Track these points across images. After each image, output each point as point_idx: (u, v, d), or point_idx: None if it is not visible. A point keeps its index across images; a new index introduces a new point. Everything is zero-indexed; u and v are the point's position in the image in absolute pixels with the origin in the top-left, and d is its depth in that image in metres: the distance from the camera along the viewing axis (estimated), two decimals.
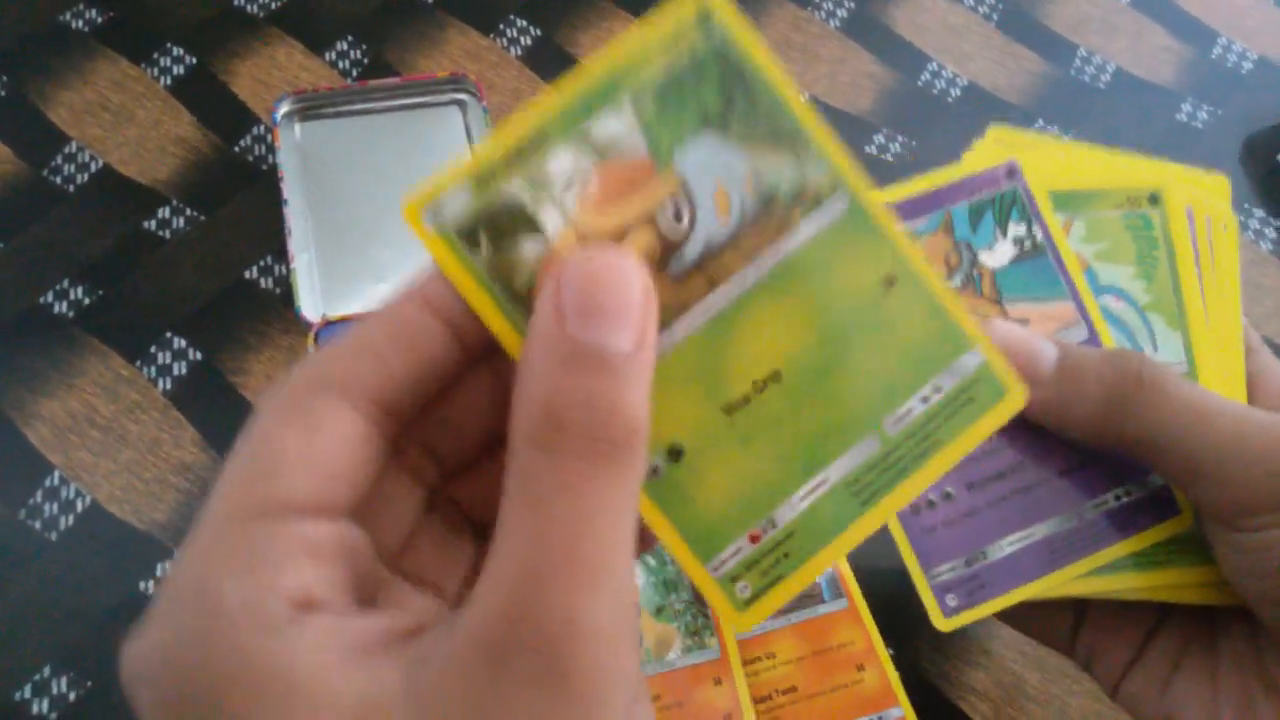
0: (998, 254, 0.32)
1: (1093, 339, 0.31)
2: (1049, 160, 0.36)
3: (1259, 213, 0.62)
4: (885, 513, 0.22)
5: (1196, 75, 0.67)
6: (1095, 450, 0.31)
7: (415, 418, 0.22)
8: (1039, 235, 0.32)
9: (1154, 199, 0.33)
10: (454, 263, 0.21)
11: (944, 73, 0.66)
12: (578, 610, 0.18)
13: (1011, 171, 0.32)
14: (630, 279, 0.19)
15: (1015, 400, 0.23)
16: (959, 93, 0.65)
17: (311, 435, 0.20)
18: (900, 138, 0.63)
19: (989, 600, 0.29)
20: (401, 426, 0.21)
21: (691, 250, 0.21)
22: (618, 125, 0.21)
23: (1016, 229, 0.32)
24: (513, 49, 0.65)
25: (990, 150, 0.36)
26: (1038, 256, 0.32)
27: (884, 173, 0.62)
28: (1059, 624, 0.35)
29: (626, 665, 0.18)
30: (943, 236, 0.31)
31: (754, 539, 0.22)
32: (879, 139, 0.63)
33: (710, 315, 0.22)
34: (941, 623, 0.29)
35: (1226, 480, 0.27)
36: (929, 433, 0.23)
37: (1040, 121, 0.64)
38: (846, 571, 0.48)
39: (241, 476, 0.20)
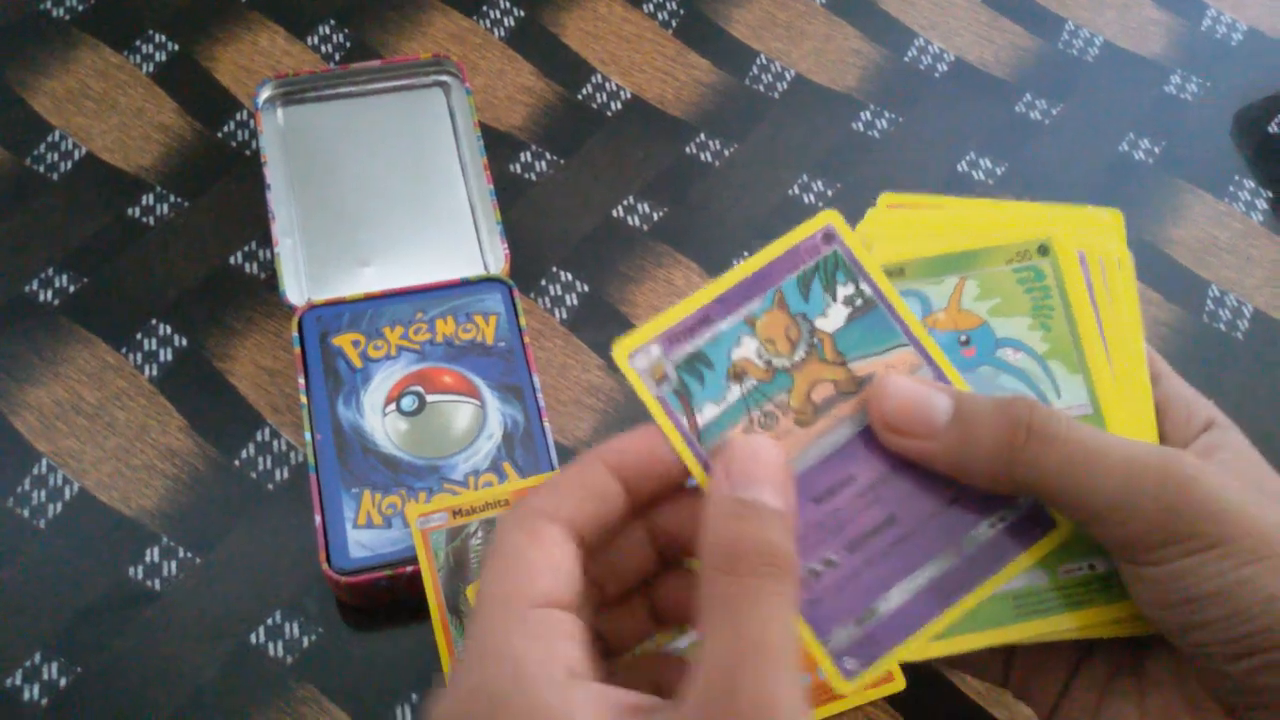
0: (832, 318, 0.33)
1: (939, 377, 0.32)
2: (938, 219, 0.36)
3: (1249, 184, 0.62)
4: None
5: (1186, 47, 0.67)
6: (991, 493, 0.31)
7: (591, 557, 0.28)
8: (868, 290, 0.33)
9: (1043, 250, 0.33)
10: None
11: (931, 48, 0.66)
12: (772, 686, 0.23)
13: (828, 236, 0.33)
14: (773, 456, 0.27)
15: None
16: (946, 68, 0.65)
17: (548, 549, 0.26)
18: (887, 114, 0.63)
19: (885, 655, 0.30)
20: (587, 559, 0.28)
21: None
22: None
23: (845, 290, 0.33)
24: (496, 30, 0.64)
25: (883, 215, 0.36)
26: (871, 312, 0.33)
27: (870, 149, 0.61)
28: (991, 662, 0.35)
29: None
30: (779, 313, 0.32)
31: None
32: (865, 115, 0.63)
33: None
34: (843, 686, 0.29)
35: (1122, 519, 0.28)
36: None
37: (1028, 95, 0.64)
38: None
39: (506, 576, 0.26)
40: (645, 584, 0.31)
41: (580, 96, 0.62)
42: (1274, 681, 0.27)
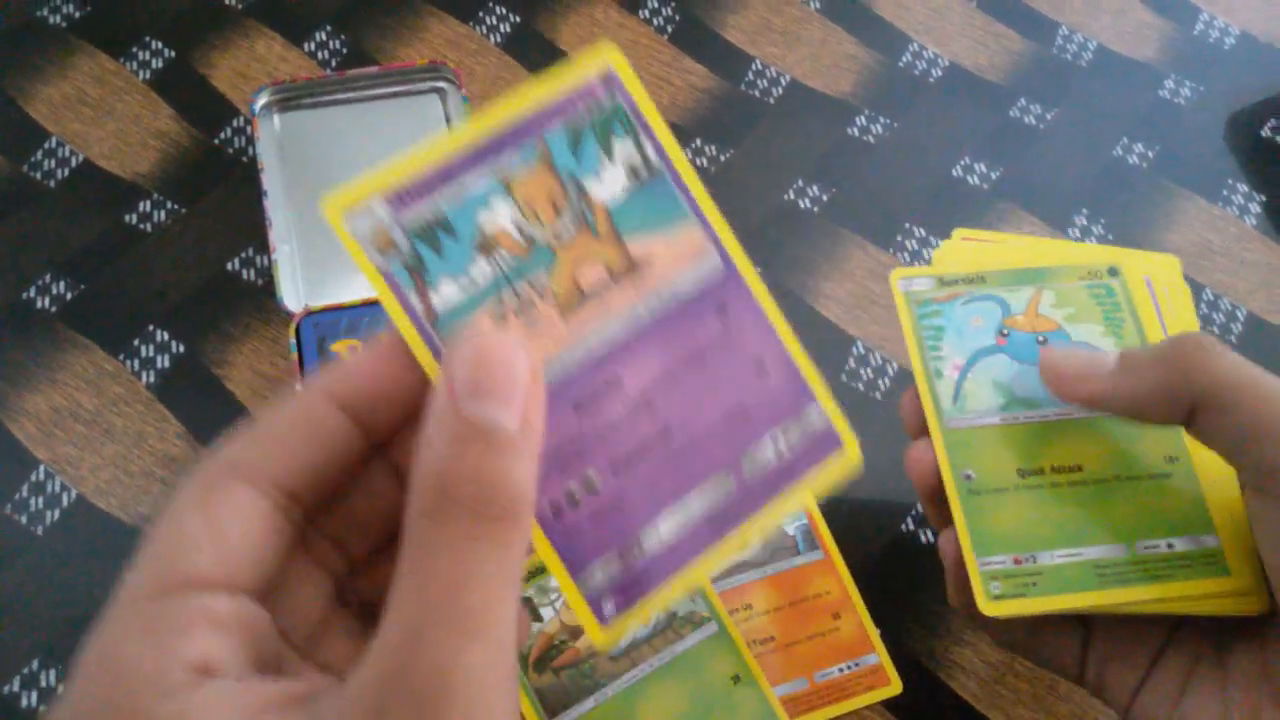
0: (608, 184, 0.27)
1: (729, 266, 0.27)
2: (1010, 248, 0.42)
3: (1243, 188, 0.62)
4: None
5: (1179, 52, 0.67)
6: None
7: (322, 510, 0.24)
8: (652, 154, 0.27)
9: (1113, 271, 0.38)
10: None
11: (925, 53, 0.66)
12: (453, 659, 0.19)
13: (608, 81, 0.26)
14: (516, 361, 0.21)
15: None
16: (940, 73, 0.65)
17: (214, 516, 0.21)
18: (882, 119, 0.63)
19: (650, 595, 0.25)
20: (307, 514, 0.23)
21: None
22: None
23: (624, 150, 0.26)
24: (492, 36, 0.64)
25: (958, 249, 0.41)
26: (655, 180, 0.27)
27: (866, 154, 0.62)
28: (1065, 650, 0.36)
29: (502, 713, 0.20)
30: (543, 172, 0.26)
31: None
32: (861, 120, 0.63)
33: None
34: (599, 636, 0.24)
35: (1273, 445, 0.29)
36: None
37: (1023, 100, 0.64)
38: (821, 523, 0.49)
39: (150, 557, 0.22)
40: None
41: None
42: None
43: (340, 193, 0.24)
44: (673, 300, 0.26)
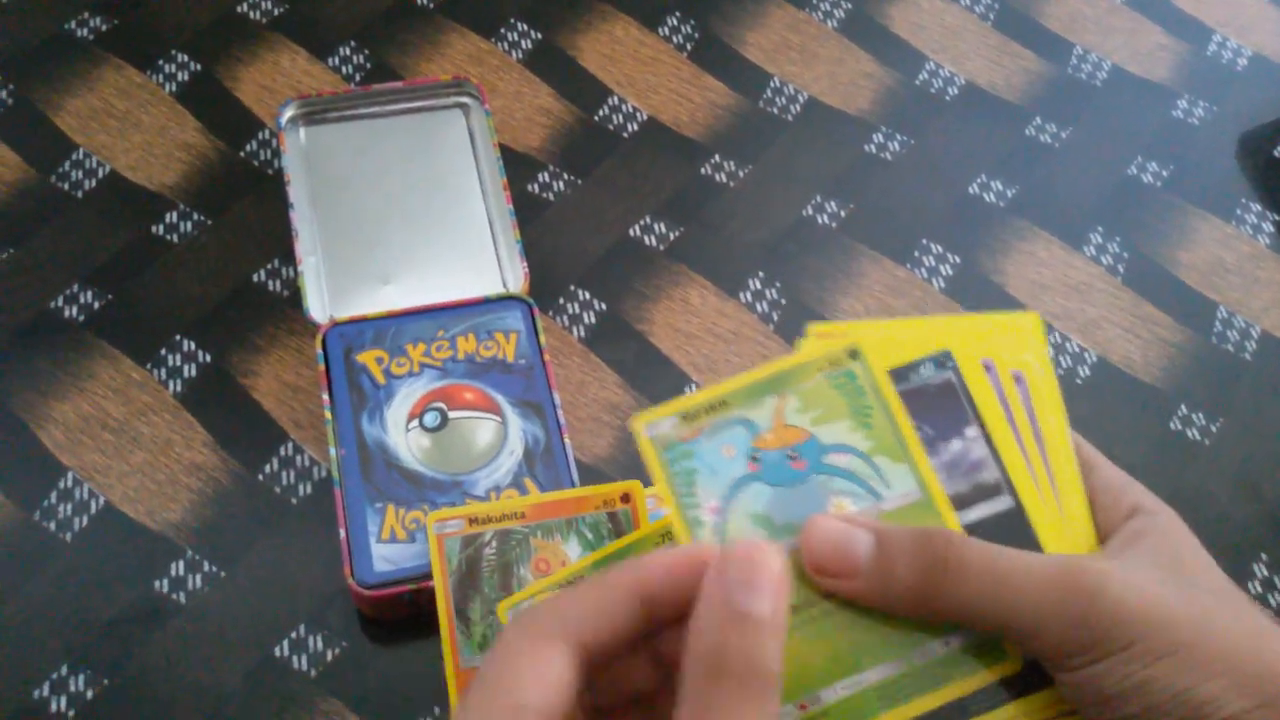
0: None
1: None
2: (879, 341, 0.37)
3: (1256, 207, 0.62)
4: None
5: (1192, 72, 0.68)
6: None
7: (595, 673, 0.29)
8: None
9: (853, 354, 0.35)
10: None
11: (941, 71, 0.67)
12: None
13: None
14: (773, 562, 0.26)
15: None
16: (956, 92, 0.66)
17: (545, 665, 0.27)
18: (899, 136, 0.64)
19: None
20: (589, 675, 0.28)
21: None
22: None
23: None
24: (514, 52, 0.65)
25: (813, 345, 0.37)
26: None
27: (883, 171, 0.62)
28: None
29: None
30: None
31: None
32: (878, 138, 0.64)
33: None
34: None
35: (1037, 634, 0.29)
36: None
37: (1038, 119, 0.65)
38: None
39: (494, 682, 0.27)
40: (644, 702, 0.31)
41: (597, 118, 0.63)
42: None
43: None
44: None
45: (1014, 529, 0.34)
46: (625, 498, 0.44)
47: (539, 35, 0.66)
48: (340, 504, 0.47)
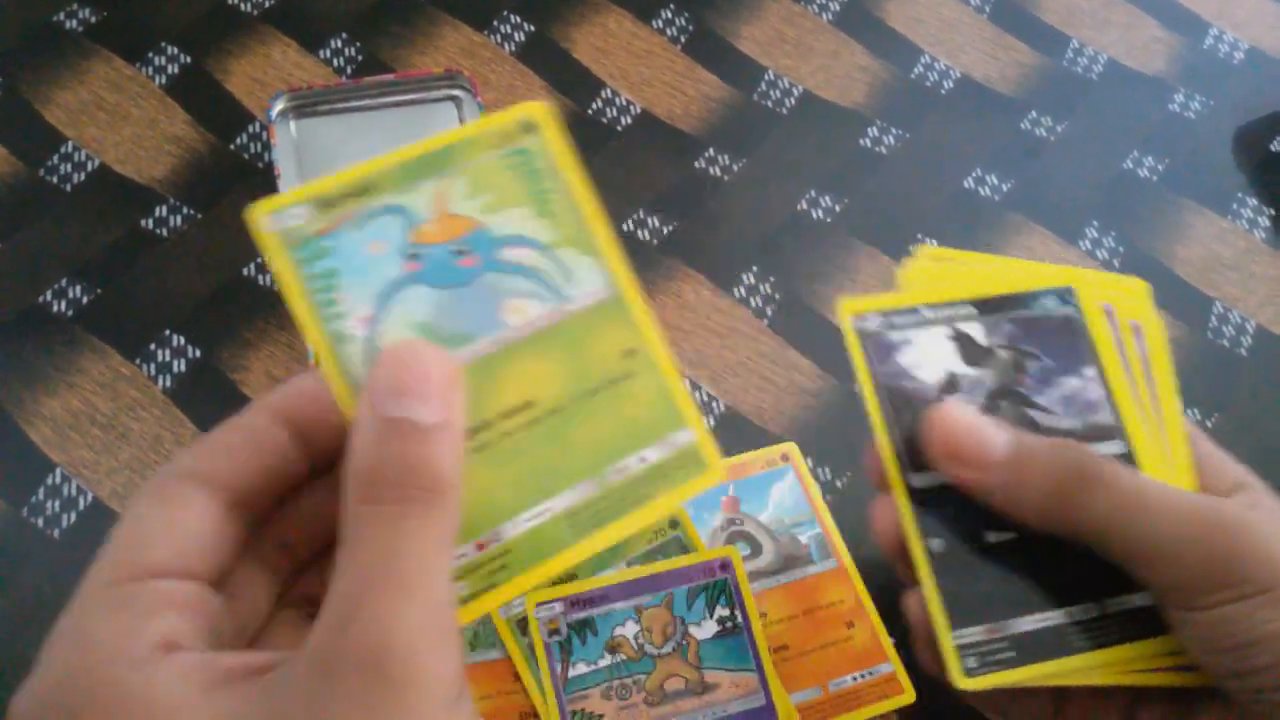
0: (705, 629, 0.43)
1: (769, 707, 0.41)
2: (973, 271, 0.38)
3: (1252, 202, 0.62)
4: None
5: (1188, 66, 0.68)
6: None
7: (270, 517, 0.26)
8: (739, 619, 0.43)
9: (527, 127, 0.29)
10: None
11: (937, 65, 0.66)
12: (391, 619, 0.21)
13: (725, 565, 0.42)
14: (431, 363, 0.23)
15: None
16: (952, 85, 0.66)
17: (171, 514, 0.24)
18: (894, 130, 0.63)
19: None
20: (256, 519, 0.26)
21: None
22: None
23: (722, 611, 0.43)
24: (506, 45, 0.65)
25: (925, 269, 0.38)
26: (736, 636, 0.43)
27: (877, 165, 0.62)
28: (1041, 713, 0.36)
29: (443, 666, 0.22)
30: (664, 610, 0.42)
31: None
32: (873, 132, 0.63)
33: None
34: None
35: (1170, 564, 0.28)
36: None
37: (1033, 113, 0.65)
38: (835, 532, 0.49)
39: (113, 549, 0.24)
40: None
41: (590, 111, 0.63)
42: None
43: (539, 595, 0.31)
44: (725, 716, 0.42)
45: None
46: None
47: (532, 28, 0.66)
48: None
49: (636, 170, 0.61)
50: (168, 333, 0.54)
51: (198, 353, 0.54)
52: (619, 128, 0.62)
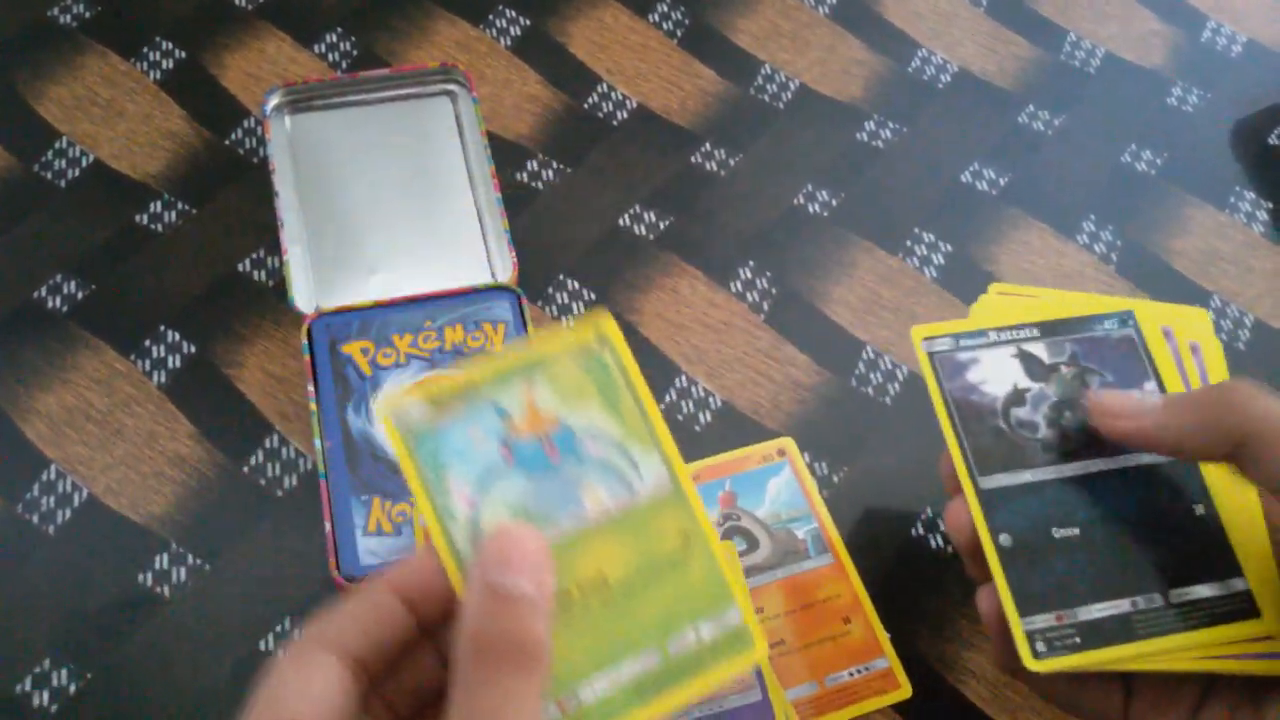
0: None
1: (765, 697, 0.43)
2: (1039, 303, 0.42)
3: (1250, 195, 0.62)
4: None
5: (1186, 59, 0.67)
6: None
7: (384, 678, 0.30)
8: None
9: (601, 341, 0.34)
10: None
11: (934, 59, 0.66)
12: None
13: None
14: (530, 542, 0.28)
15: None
16: (949, 79, 0.65)
17: (308, 676, 0.27)
18: (891, 124, 0.63)
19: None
20: (372, 680, 0.29)
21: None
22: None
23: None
24: (502, 39, 0.65)
25: (994, 303, 0.43)
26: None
27: (874, 159, 0.62)
28: (1110, 703, 0.38)
29: None
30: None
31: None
32: (870, 126, 0.63)
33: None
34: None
35: None
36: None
37: (1031, 106, 0.64)
38: (831, 527, 0.49)
39: (260, 704, 0.27)
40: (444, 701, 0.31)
41: (586, 105, 0.63)
42: None
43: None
44: (721, 711, 0.43)
45: (1185, 483, 0.38)
46: None
47: (527, 22, 0.65)
48: (325, 497, 0.47)
49: (633, 165, 0.61)
50: (162, 328, 0.54)
51: (192, 348, 0.54)
52: (615, 122, 0.62)
